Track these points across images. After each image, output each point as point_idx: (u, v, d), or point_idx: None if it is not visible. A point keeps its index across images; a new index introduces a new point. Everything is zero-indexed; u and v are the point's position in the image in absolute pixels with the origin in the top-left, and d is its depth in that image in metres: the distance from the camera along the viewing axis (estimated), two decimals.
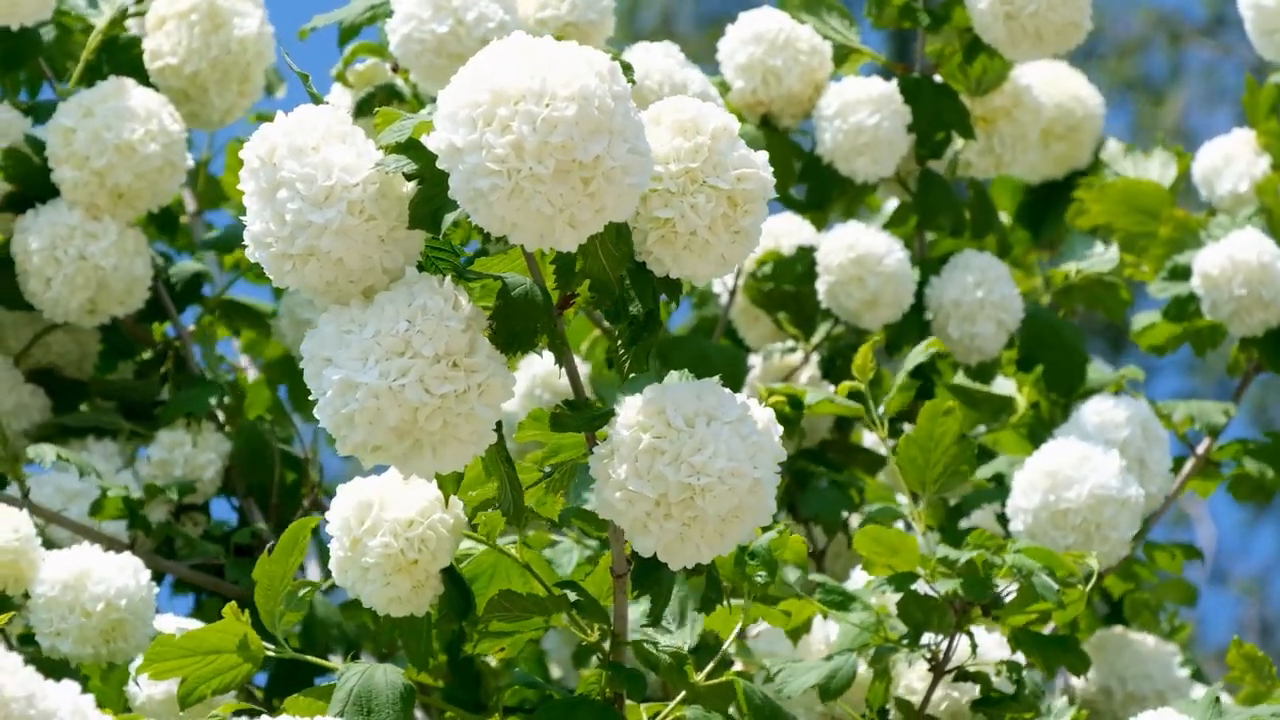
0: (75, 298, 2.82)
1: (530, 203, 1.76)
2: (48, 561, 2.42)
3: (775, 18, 3.03)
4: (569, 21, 2.86)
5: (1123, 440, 2.76)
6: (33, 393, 2.95)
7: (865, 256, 2.94)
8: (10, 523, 2.42)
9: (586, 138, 1.76)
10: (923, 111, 3.03)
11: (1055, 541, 2.65)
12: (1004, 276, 2.99)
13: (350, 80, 3.10)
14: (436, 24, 2.77)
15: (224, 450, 2.92)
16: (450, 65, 2.77)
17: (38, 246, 2.81)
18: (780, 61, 3.01)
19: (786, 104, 3.03)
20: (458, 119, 1.78)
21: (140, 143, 2.79)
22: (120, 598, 2.39)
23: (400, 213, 1.88)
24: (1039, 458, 2.70)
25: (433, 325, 1.84)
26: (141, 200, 2.83)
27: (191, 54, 2.91)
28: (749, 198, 1.93)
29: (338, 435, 1.85)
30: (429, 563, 2.12)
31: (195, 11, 2.91)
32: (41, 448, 2.68)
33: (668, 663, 2.13)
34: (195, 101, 2.93)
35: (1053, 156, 3.34)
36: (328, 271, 1.87)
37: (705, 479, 1.87)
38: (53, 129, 2.80)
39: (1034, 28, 2.92)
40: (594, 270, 1.87)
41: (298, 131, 1.88)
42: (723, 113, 1.93)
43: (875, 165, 2.99)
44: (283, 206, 1.86)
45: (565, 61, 1.78)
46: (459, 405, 1.84)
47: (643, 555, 1.92)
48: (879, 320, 2.96)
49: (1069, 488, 2.66)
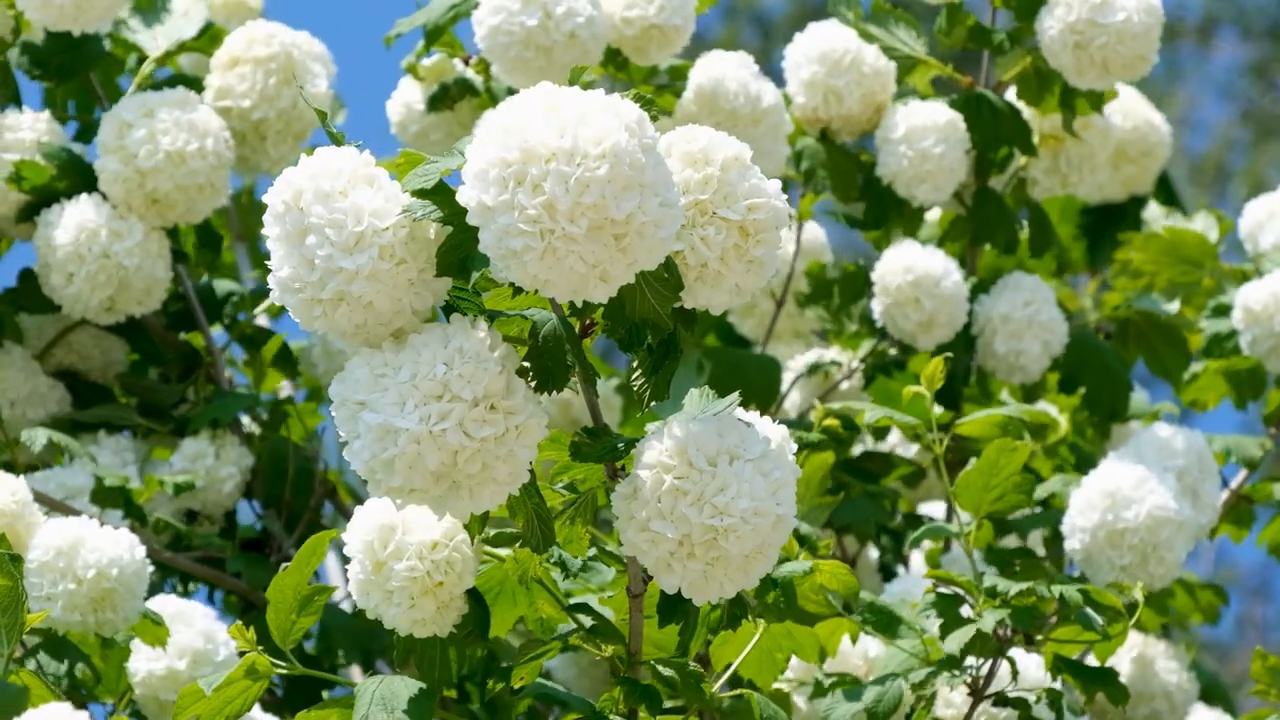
0: (96, 295, 2.85)
1: (564, 262, 1.78)
2: (44, 527, 2.44)
3: (842, 36, 3.05)
4: (655, 24, 2.89)
5: (1179, 469, 2.80)
6: (50, 385, 2.99)
7: (923, 279, 2.96)
8: (8, 487, 2.45)
9: (619, 196, 1.77)
10: (983, 127, 3.06)
11: (1111, 561, 2.70)
12: (1051, 300, 3.03)
13: (421, 74, 3.10)
14: (526, 16, 2.81)
15: (245, 464, 2.95)
16: (536, 59, 2.81)
17: (63, 241, 2.81)
18: (843, 83, 3.04)
19: (845, 123, 3.07)
20: (488, 178, 1.78)
21: (192, 156, 2.82)
22: (112, 567, 2.42)
23: (429, 255, 1.89)
24: (1096, 477, 2.75)
25: (471, 368, 1.85)
26: (174, 211, 2.86)
27: (263, 100, 2.95)
28: (761, 227, 1.93)
29: (372, 479, 1.87)
30: (454, 585, 2.15)
31: (274, 60, 2.96)
32: (35, 431, 2.70)
33: (685, 680, 2.15)
34: (249, 146, 2.97)
35: (1121, 179, 3.39)
36: (358, 315, 1.88)
37: (729, 520, 1.89)
38: (110, 118, 2.84)
39: (1102, 59, 2.95)
40: (645, 312, 1.89)
41: (323, 176, 1.88)
42: (734, 142, 1.93)
43: (936, 192, 3.03)
44: (311, 252, 1.87)
45: (595, 117, 1.79)
46: (498, 448, 1.86)
47: (667, 592, 1.92)
48: (933, 341, 3.00)
49: (1127, 508, 2.71)
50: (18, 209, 2.91)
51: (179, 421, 3.02)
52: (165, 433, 3.01)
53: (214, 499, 2.94)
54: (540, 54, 2.83)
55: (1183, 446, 2.84)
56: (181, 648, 2.55)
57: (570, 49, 2.83)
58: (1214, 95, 9.06)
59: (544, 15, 2.82)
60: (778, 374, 3.11)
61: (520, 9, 2.81)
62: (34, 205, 2.90)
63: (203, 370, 3.04)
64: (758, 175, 1.94)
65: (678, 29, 2.92)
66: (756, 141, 2.98)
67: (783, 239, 1.98)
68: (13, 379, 2.94)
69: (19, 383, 2.94)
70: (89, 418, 2.95)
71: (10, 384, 2.93)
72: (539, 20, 2.81)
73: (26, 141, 2.91)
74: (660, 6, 2.90)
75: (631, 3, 2.91)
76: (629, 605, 2.13)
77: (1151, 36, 2.96)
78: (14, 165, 2.87)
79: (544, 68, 2.85)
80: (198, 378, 3.03)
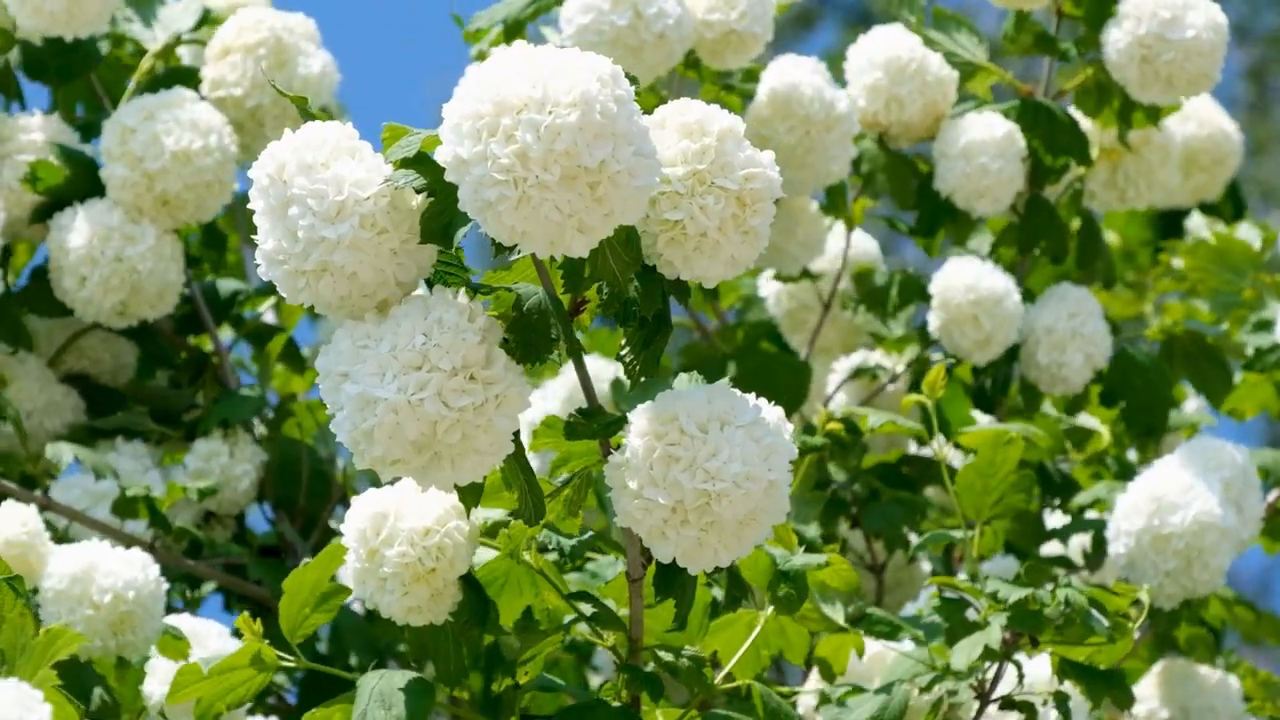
0: (109, 298, 2.86)
1: (539, 211, 1.77)
2: (56, 555, 2.45)
3: (906, 43, 3.05)
4: (734, 29, 2.90)
5: (1226, 479, 2.76)
6: (65, 393, 3.00)
7: (985, 299, 2.95)
8: (18, 517, 2.45)
9: (591, 143, 1.77)
10: (1040, 136, 3.04)
11: (1155, 565, 2.68)
12: (1097, 312, 3.01)
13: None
14: (616, 16, 2.82)
15: (259, 462, 2.95)
16: (624, 58, 2.84)
17: (76, 245, 2.82)
18: (906, 90, 3.05)
19: (904, 130, 3.08)
20: (462, 131, 1.79)
21: (198, 154, 2.82)
22: (128, 590, 2.42)
23: (412, 225, 1.89)
24: (1143, 482, 2.73)
25: (449, 338, 1.85)
26: (185, 211, 2.86)
27: (255, 87, 2.97)
28: (757, 197, 1.93)
29: (356, 450, 1.87)
30: (447, 571, 2.13)
31: (263, 46, 2.97)
32: (60, 447, 2.70)
33: (687, 667, 2.10)
34: (248, 134, 2.98)
35: (1191, 186, 3.39)
36: (341, 286, 1.88)
37: (721, 484, 1.88)
38: (111, 125, 2.86)
39: (1167, 74, 2.94)
40: (604, 274, 1.89)
41: (306, 148, 1.90)
42: (728, 114, 1.94)
43: (995, 204, 3.03)
44: (294, 223, 1.88)
45: (566, 69, 1.79)
46: (477, 418, 1.85)
47: (662, 561, 1.90)
48: (987, 357, 2.99)
49: (1173, 513, 2.68)
50: (32, 211, 2.92)
51: (191, 426, 3.01)
52: (178, 438, 2.99)
53: (230, 498, 2.94)
54: (629, 53, 2.84)
55: (1230, 459, 2.81)
56: None
57: (659, 49, 2.84)
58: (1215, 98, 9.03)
59: (634, 15, 2.83)
60: (807, 377, 3.08)
61: (611, 8, 2.82)
62: (48, 207, 2.91)
63: (210, 372, 3.02)
64: (750, 147, 1.94)
65: (756, 36, 2.93)
66: (828, 148, 2.97)
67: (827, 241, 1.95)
68: (29, 390, 2.95)
69: (35, 393, 2.95)
70: (106, 425, 2.95)
71: (27, 395, 2.94)
72: (629, 20, 2.82)
73: (39, 142, 2.93)
74: (742, 13, 2.90)
75: (713, 6, 2.91)
76: (629, 590, 2.09)
77: (1217, 55, 2.94)
78: (30, 166, 2.89)
79: (631, 66, 2.85)
80: (206, 380, 3.01)
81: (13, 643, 1.93)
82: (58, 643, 2.04)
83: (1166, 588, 2.69)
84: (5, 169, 2.92)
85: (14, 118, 2.96)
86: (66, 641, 1.99)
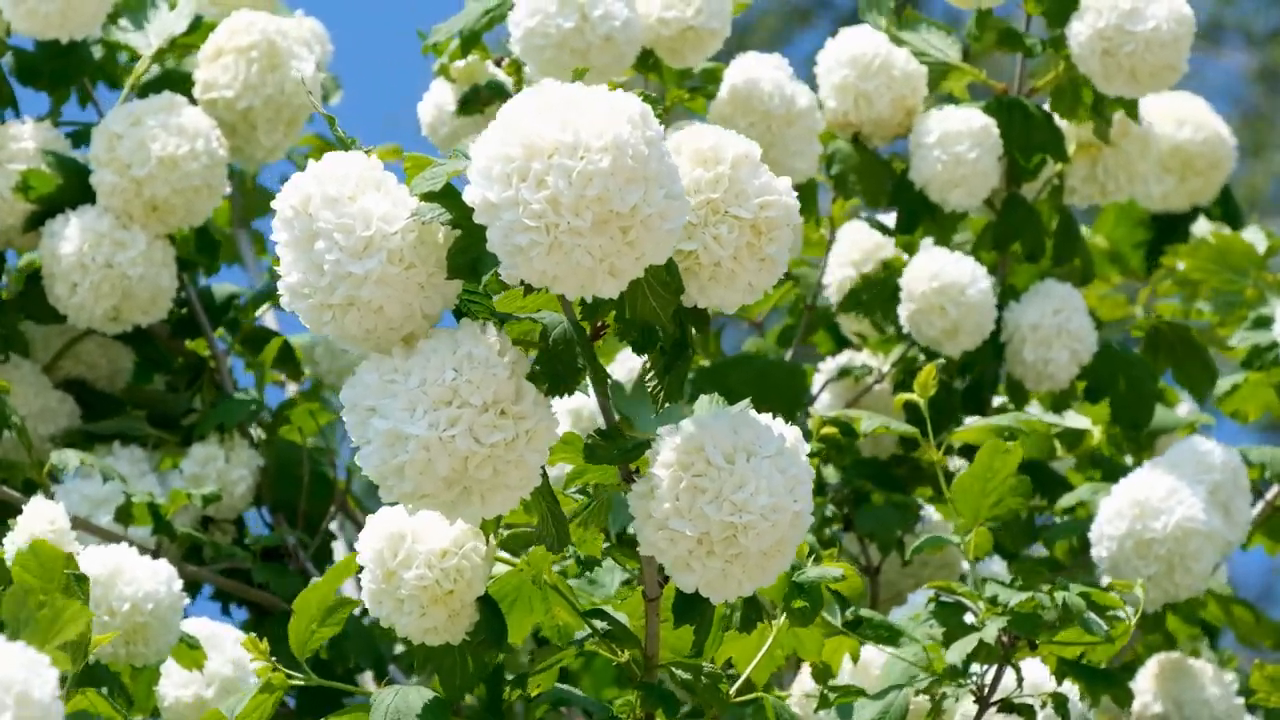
0: (100, 305, 2.85)
1: (570, 256, 1.78)
2: (83, 556, 2.43)
3: (872, 40, 3.06)
4: (692, 26, 2.90)
5: (1213, 483, 2.79)
6: (60, 399, 2.99)
7: (948, 286, 2.95)
8: (46, 515, 2.44)
9: (623, 188, 1.77)
10: (1016, 133, 3.06)
11: (1137, 570, 2.70)
12: (1081, 308, 3.04)
13: (453, 76, 3.11)
14: (562, 19, 2.83)
15: (256, 465, 2.95)
16: (572, 61, 2.86)
17: (67, 251, 2.81)
18: (873, 86, 3.05)
19: (876, 127, 3.08)
20: (491, 174, 1.79)
21: (184, 159, 2.81)
22: (147, 601, 2.41)
23: (439, 259, 1.90)
24: (1126, 486, 2.74)
25: (480, 374, 1.85)
26: (174, 216, 2.85)
27: (247, 89, 2.94)
28: (772, 225, 1.93)
29: (384, 484, 1.88)
30: (464, 592, 2.14)
31: (255, 49, 2.95)
32: (65, 453, 2.71)
33: (704, 683, 2.12)
34: (241, 137, 2.96)
35: (1187, 190, 3.40)
36: (368, 320, 1.88)
37: (748, 516, 1.89)
38: (99, 132, 2.86)
39: (1130, 66, 2.95)
40: (644, 313, 1.90)
41: (331, 180, 1.89)
42: (743, 140, 1.94)
43: (969, 197, 3.04)
44: (320, 257, 1.87)
45: (596, 110, 1.79)
46: (508, 453, 1.86)
47: (684, 591, 1.90)
48: (959, 348, 2.99)
49: (1156, 518, 2.70)
50: (24, 219, 2.90)
51: (187, 431, 3.02)
52: (175, 442, 2.99)
53: (227, 502, 2.95)
54: (576, 56, 2.84)
55: (1219, 461, 2.84)
56: (210, 674, 2.55)
57: (606, 51, 2.84)
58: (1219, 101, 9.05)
59: (580, 18, 2.83)
60: (804, 381, 3.09)
61: (556, 11, 2.82)
62: (40, 215, 2.90)
63: (207, 375, 3.01)
64: (767, 173, 1.95)
65: (714, 32, 2.93)
66: (790, 143, 2.99)
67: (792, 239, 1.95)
68: (24, 395, 2.94)
69: (30, 398, 2.95)
70: (102, 429, 2.95)
71: (22, 400, 2.94)
72: (575, 23, 2.83)
73: (30, 150, 2.92)
74: (698, 9, 2.91)
75: (669, 4, 2.92)
76: (645, 609, 2.11)
77: (1181, 46, 2.96)
78: (21, 175, 2.88)
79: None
80: (203, 383, 3.01)
81: (14, 614, 1.93)
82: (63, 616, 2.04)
83: (1149, 591, 2.72)
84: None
85: (5, 125, 2.95)
86: (72, 615, 2.00)
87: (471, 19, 2.97)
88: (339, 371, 3.25)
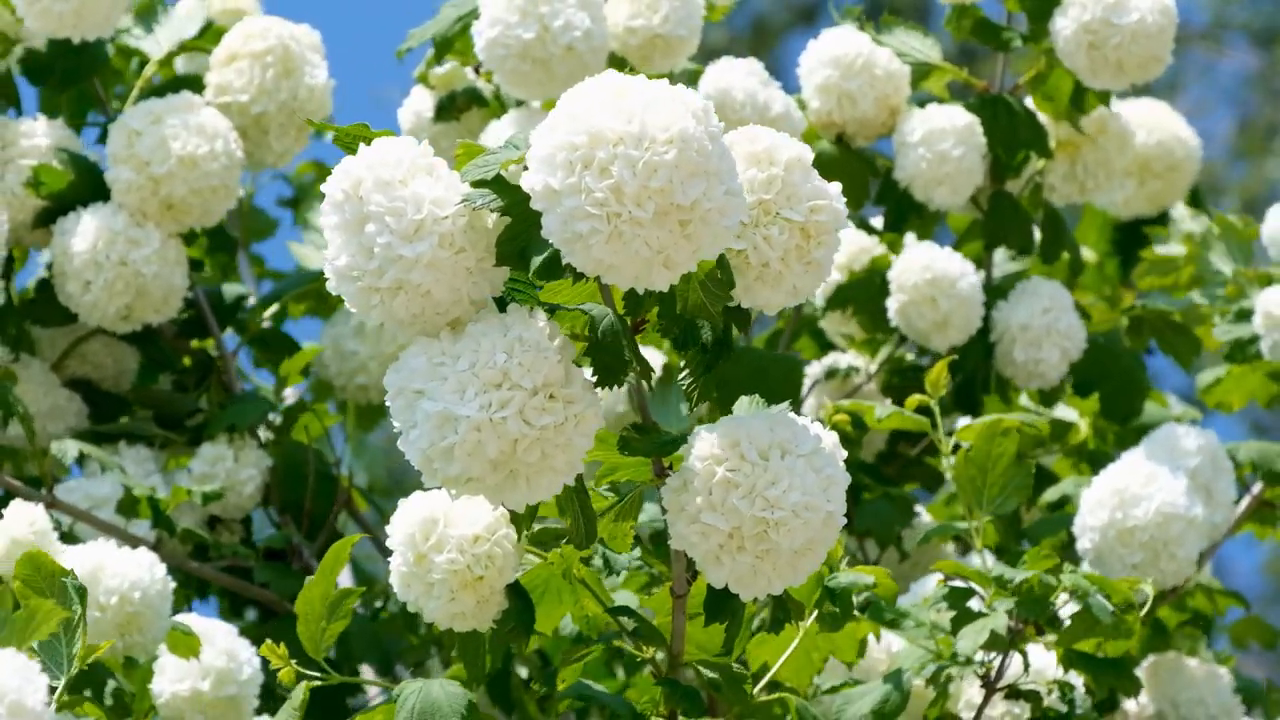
0: (113, 303, 2.85)
1: (629, 246, 1.80)
2: (63, 556, 2.45)
3: (853, 40, 3.08)
4: (659, 34, 2.91)
5: (1192, 468, 2.82)
6: (69, 398, 2.99)
7: (940, 278, 2.97)
8: (26, 517, 2.45)
9: (686, 181, 1.79)
10: (1000, 131, 3.09)
11: (1122, 559, 2.70)
12: (1069, 306, 3.06)
13: (432, 83, 3.11)
14: (523, 29, 2.83)
15: (264, 466, 2.95)
16: (534, 70, 2.85)
17: (80, 249, 2.80)
18: (855, 86, 3.07)
19: (860, 126, 3.09)
20: (555, 161, 1.81)
21: (204, 159, 2.81)
22: (134, 590, 2.42)
23: (488, 245, 1.91)
24: (1106, 476, 2.75)
25: (531, 357, 1.86)
26: (189, 216, 2.85)
27: (262, 94, 2.96)
28: (822, 229, 1.96)
29: (428, 468, 1.88)
30: (495, 579, 2.15)
31: (271, 54, 2.97)
32: (65, 443, 2.69)
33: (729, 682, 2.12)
34: (252, 141, 2.98)
35: (1148, 194, 3.43)
36: (415, 304, 1.89)
37: (780, 513, 1.91)
38: (117, 128, 2.84)
39: (1116, 59, 2.98)
40: (696, 309, 1.90)
41: (382, 165, 1.90)
42: (796, 143, 1.97)
43: (954, 195, 3.06)
44: (371, 240, 1.88)
45: (662, 103, 1.81)
46: (557, 436, 1.87)
47: (714, 586, 1.91)
48: (947, 342, 3.01)
49: (1136, 505, 2.72)
50: (34, 215, 2.90)
51: (194, 431, 3.01)
52: (182, 443, 2.98)
53: (235, 502, 2.94)
54: (538, 66, 2.86)
55: (1195, 445, 2.86)
56: (205, 667, 2.55)
57: (567, 61, 2.85)
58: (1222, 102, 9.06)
59: (541, 29, 2.85)
60: (800, 375, 3.11)
61: (517, 22, 2.84)
62: (50, 212, 2.89)
63: (215, 376, 3.01)
64: (818, 177, 1.96)
65: (682, 39, 2.95)
66: None
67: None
68: (33, 393, 2.94)
69: (39, 397, 2.95)
70: (109, 430, 2.94)
71: (31, 398, 2.93)
72: (535, 34, 2.84)
73: (42, 147, 2.91)
74: (665, 17, 2.93)
75: (635, 12, 2.93)
76: (672, 606, 2.12)
77: (1165, 37, 3.00)
78: (32, 170, 2.88)
79: (543, 80, 2.89)
80: (210, 384, 3.00)
81: None
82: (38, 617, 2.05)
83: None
84: (8, 174, 2.90)
85: (16, 122, 2.94)
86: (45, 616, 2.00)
87: (445, 25, 2.98)
88: (348, 373, 3.24)
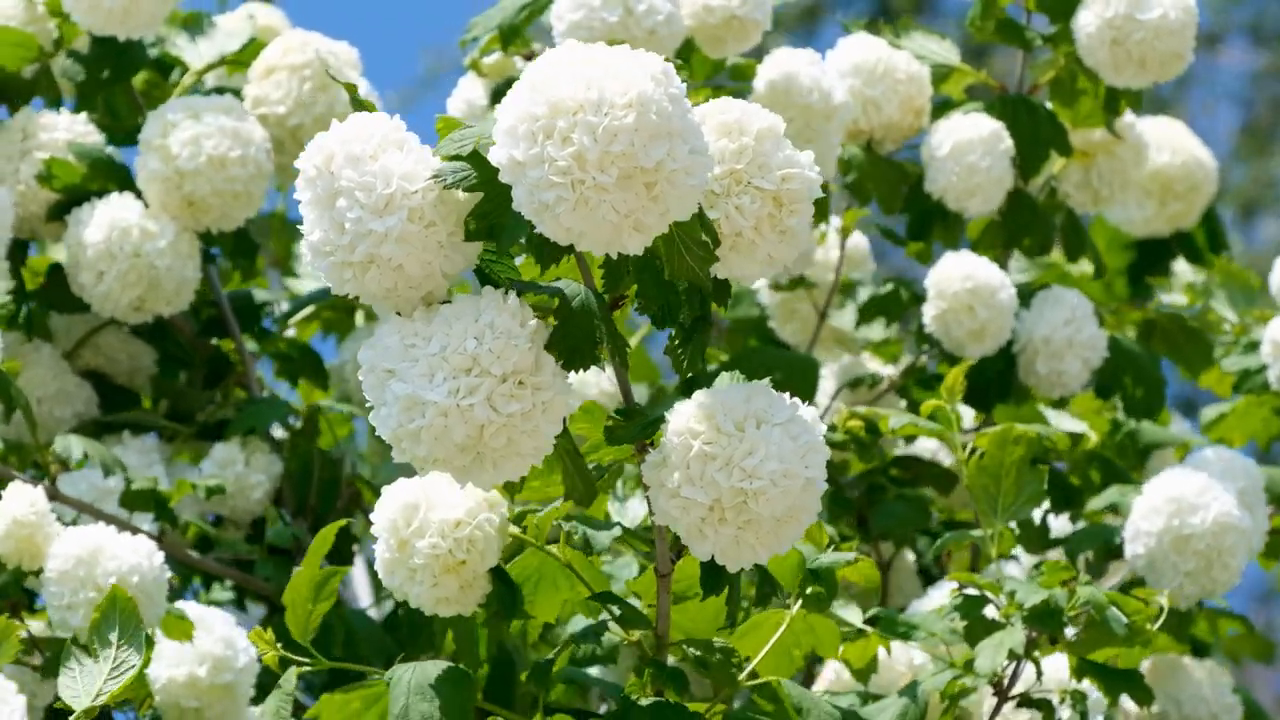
0: (126, 294, 2.86)
1: (596, 211, 1.79)
2: (62, 537, 2.46)
3: (872, 46, 3.08)
4: (737, 15, 2.90)
5: (1240, 489, 2.81)
6: (78, 384, 2.99)
7: (981, 288, 2.96)
8: (27, 497, 2.46)
9: (647, 143, 1.79)
10: (1023, 132, 3.07)
11: (1175, 566, 2.71)
12: (1091, 315, 3.06)
13: (484, 71, 3.11)
14: (607, 13, 2.83)
15: (275, 472, 2.96)
16: None
17: (94, 239, 2.82)
18: (879, 92, 3.07)
19: (888, 131, 3.11)
20: (517, 133, 1.81)
21: (234, 163, 2.84)
22: (132, 574, 2.42)
23: (459, 218, 1.92)
24: (1160, 484, 2.76)
25: (501, 344, 1.86)
26: (208, 215, 2.87)
27: (299, 106, 2.99)
28: (794, 197, 1.95)
29: (397, 446, 1.89)
30: (477, 563, 2.15)
31: (309, 67, 2.99)
32: (69, 440, 2.69)
33: (717, 662, 2.11)
34: (288, 155, 3.01)
35: (1167, 215, 3.42)
36: (388, 279, 1.90)
37: (758, 482, 1.90)
38: (154, 117, 2.89)
39: (1139, 55, 2.97)
40: (681, 273, 1.89)
41: (354, 140, 1.91)
42: (767, 114, 1.96)
43: (986, 204, 3.07)
44: (342, 215, 1.89)
45: (619, 68, 1.81)
46: (524, 423, 1.87)
47: (700, 559, 1.91)
48: (981, 351, 3.01)
49: (1194, 513, 2.71)
50: (48, 208, 2.91)
51: (204, 426, 3.00)
52: (189, 436, 2.98)
53: (242, 505, 2.94)
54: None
55: (1242, 468, 2.87)
56: (202, 654, 2.55)
57: (649, 46, 2.84)
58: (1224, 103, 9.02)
59: (625, 12, 2.84)
60: (815, 374, 3.09)
61: (601, 5, 2.84)
62: (63, 204, 2.90)
63: (233, 377, 3.01)
64: (790, 146, 1.96)
65: (757, 23, 2.94)
66: (828, 137, 2.96)
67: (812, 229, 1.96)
68: (41, 376, 2.94)
69: (47, 380, 2.95)
70: (116, 420, 2.94)
71: (38, 381, 2.93)
72: (620, 17, 2.84)
73: (60, 141, 2.92)
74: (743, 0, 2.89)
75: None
76: (656, 586, 2.10)
77: (1187, 34, 2.98)
78: (44, 163, 2.88)
79: None
80: (228, 384, 3.00)
81: None
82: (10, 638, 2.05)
83: (1185, 588, 2.72)
84: (24, 166, 2.91)
85: (40, 114, 2.96)
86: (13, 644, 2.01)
87: (510, 12, 2.97)
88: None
